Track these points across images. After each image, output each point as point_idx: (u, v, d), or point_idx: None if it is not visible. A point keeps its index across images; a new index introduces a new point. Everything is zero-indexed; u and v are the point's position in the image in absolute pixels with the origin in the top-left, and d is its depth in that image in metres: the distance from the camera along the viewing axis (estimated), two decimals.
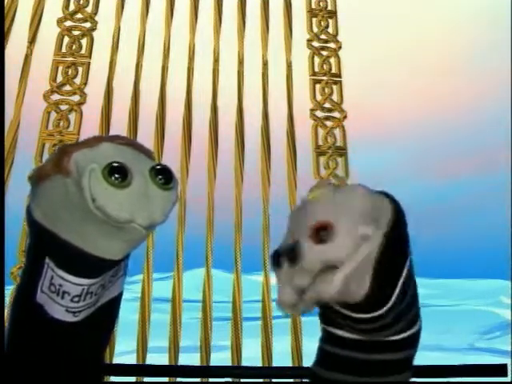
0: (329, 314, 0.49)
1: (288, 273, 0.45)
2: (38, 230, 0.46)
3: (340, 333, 0.50)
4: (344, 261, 0.43)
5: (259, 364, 1.91)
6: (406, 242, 0.48)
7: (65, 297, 0.45)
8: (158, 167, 0.46)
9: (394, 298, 0.46)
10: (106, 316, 0.51)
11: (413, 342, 0.50)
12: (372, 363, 0.49)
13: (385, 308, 0.46)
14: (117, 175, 0.43)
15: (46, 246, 0.46)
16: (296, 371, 1.84)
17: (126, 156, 0.45)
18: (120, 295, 0.52)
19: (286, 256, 0.45)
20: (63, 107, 2.18)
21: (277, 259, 0.46)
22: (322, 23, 2.46)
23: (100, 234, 0.44)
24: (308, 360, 1.93)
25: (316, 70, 2.38)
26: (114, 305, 0.52)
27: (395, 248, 0.46)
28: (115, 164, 0.43)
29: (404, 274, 0.47)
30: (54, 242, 0.45)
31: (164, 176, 0.45)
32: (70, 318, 0.46)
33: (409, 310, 0.49)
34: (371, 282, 0.44)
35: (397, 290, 0.46)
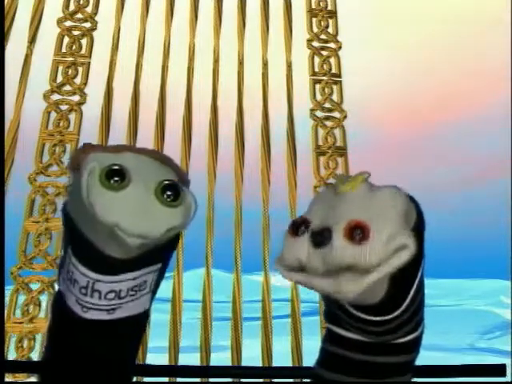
0: (337, 313, 0.48)
1: (302, 245, 0.44)
2: (65, 219, 0.48)
3: (346, 334, 0.50)
4: (373, 267, 0.42)
5: (259, 364, 1.91)
6: (422, 246, 0.47)
7: (75, 286, 0.47)
8: (166, 182, 0.45)
9: (407, 302, 0.46)
10: (124, 330, 0.51)
11: (416, 345, 0.50)
12: (376, 365, 0.49)
13: (397, 312, 0.46)
14: (116, 178, 0.43)
15: (69, 235, 0.48)
16: (296, 371, 1.84)
17: (139, 165, 0.45)
18: (144, 314, 0.51)
19: (313, 236, 0.44)
20: (63, 107, 2.18)
21: (297, 227, 0.45)
22: (322, 23, 2.46)
23: (101, 230, 0.45)
24: (308, 360, 1.93)
25: (316, 69, 2.38)
26: (134, 322, 0.51)
27: (415, 254, 0.45)
28: (115, 167, 0.43)
29: (418, 279, 0.46)
30: (73, 231, 0.47)
31: (171, 192, 0.45)
32: (79, 311, 0.47)
33: (416, 314, 0.48)
34: (389, 287, 0.44)
35: (410, 294, 0.46)
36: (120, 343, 0.52)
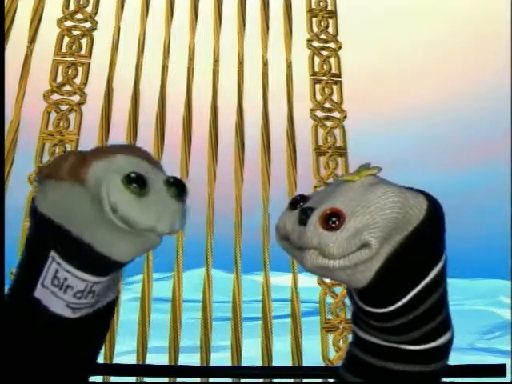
0: (354, 311, 0.50)
1: (292, 217, 0.46)
2: (44, 223, 0.46)
3: (360, 334, 0.50)
4: (333, 258, 0.43)
5: (259, 364, 1.91)
6: (433, 250, 0.46)
7: (68, 291, 0.46)
8: (171, 180, 0.47)
9: (404, 301, 0.45)
10: (103, 318, 0.51)
11: (434, 355, 0.48)
12: (389, 371, 0.48)
13: (391, 307, 0.45)
14: (135, 184, 0.44)
15: (52, 239, 0.46)
16: (296, 371, 1.84)
17: (141, 168, 0.46)
18: (117, 298, 0.52)
19: (299, 213, 0.45)
20: (63, 107, 2.18)
21: (296, 202, 0.47)
22: (322, 23, 2.46)
23: (114, 237, 0.45)
24: (308, 360, 1.94)
25: (316, 70, 2.38)
26: (111, 307, 0.52)
27: (415, 252, 0.45)
28: (133, 174, 0.44)
29: (425, 282, 0.45)
30: (63, 236, 0.45)
31: (177, 188, 0.47)
32: (68, 314, 0.47)
33: (428, 321, 0.47)
34: (375, 274, 0.44)
35: (412, 294, 0.45)
36: (98, 332, 0.52)
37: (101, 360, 1.76)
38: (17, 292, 0.48)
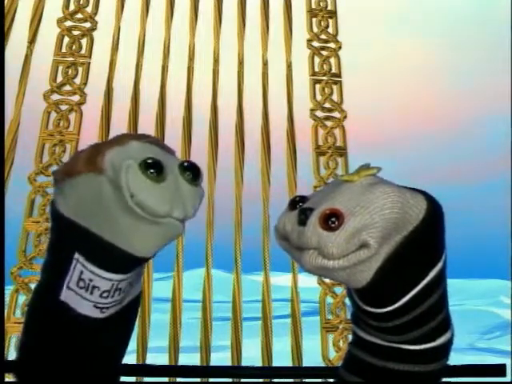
0: (354, 311, 0.50)
1: (292, 218, 0.46)
2: (67, 226, 0.46)
3: (361, 334, 0.50)
4: (332, 258, 0.43)
5: (259, 364, 1.91)
6: (433, 250, 0.46)
7: (94, 292, 0.46)
8: (186, 164, 0.47)
9: (403, 301, 0.45)
10: (130, 314, 0.52)
11: (434, 355, 0.48)
12: (390, 371, 0.48)
13: (391, 307, 0.45)
14: (152, 170, 0.44)
15: (75, 241, 0.46)
16: (296, 371, 1.84)
17: (154, 153, 0.46)
18: (140, 293, 0.53)
19: (299, 213, 0.45)
20: (63, 107, 2.18)
21: (295, 203, 0.47)
22: (322, 23, 2.46)
23: (135, 231, 0.45)
24: (308, 360, 1.94)
25: (316, 69, 2.38)
26: (136, 302, 0.52)
27: (414, 252, 0.44)
28: (150, 160, 0.44)
29: (425, 281, 0.45)
30: (86, 237, 0.45)
31: (192, 172, 0.47)
32: (97, 314, 0.47)
33: (428, 321, 0.47)
34: (375, 274, 0.44)
35: (411, 294, 0.45)
36: (126, 329, 0.53)
37: None
38: (43, 295, 0.49)
